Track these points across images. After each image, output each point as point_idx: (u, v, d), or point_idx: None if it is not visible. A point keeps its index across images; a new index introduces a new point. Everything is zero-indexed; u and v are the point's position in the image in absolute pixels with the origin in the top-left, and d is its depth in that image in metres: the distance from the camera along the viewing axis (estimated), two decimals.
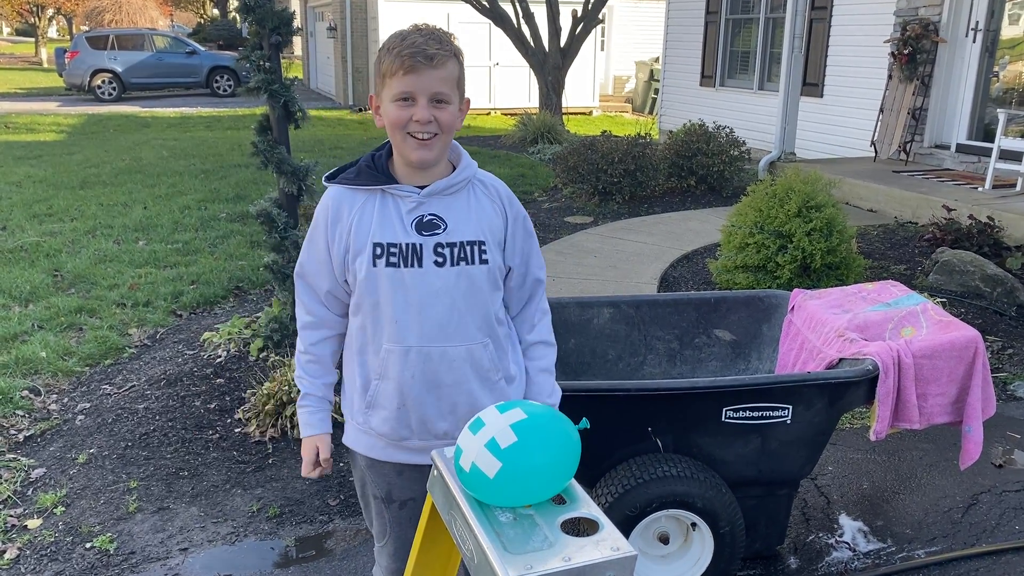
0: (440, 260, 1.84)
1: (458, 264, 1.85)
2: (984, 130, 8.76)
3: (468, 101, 1.92)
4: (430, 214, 1.85)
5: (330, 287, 1.94)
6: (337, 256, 1.89)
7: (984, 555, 3.00)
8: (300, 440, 2.05)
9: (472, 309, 1.88)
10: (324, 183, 1.95)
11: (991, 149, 7.55)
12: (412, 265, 1.83)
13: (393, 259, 1.83)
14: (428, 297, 1.84)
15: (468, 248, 1.86)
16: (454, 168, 1.92)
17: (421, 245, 1.83)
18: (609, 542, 1.34)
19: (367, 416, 1.96)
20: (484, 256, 1.87)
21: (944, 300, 5.22)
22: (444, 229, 1.85)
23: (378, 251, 1.84)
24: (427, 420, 1.92)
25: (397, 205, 1.86)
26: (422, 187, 1.86)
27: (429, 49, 1.77)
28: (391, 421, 1.93)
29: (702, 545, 2.68)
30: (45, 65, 33.38)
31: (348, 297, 1.94)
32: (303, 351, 2.01)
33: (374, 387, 1.92)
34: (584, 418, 1.55)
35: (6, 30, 60.37)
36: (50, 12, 36.95)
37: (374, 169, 1.89)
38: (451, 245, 1.85)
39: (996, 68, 8.79)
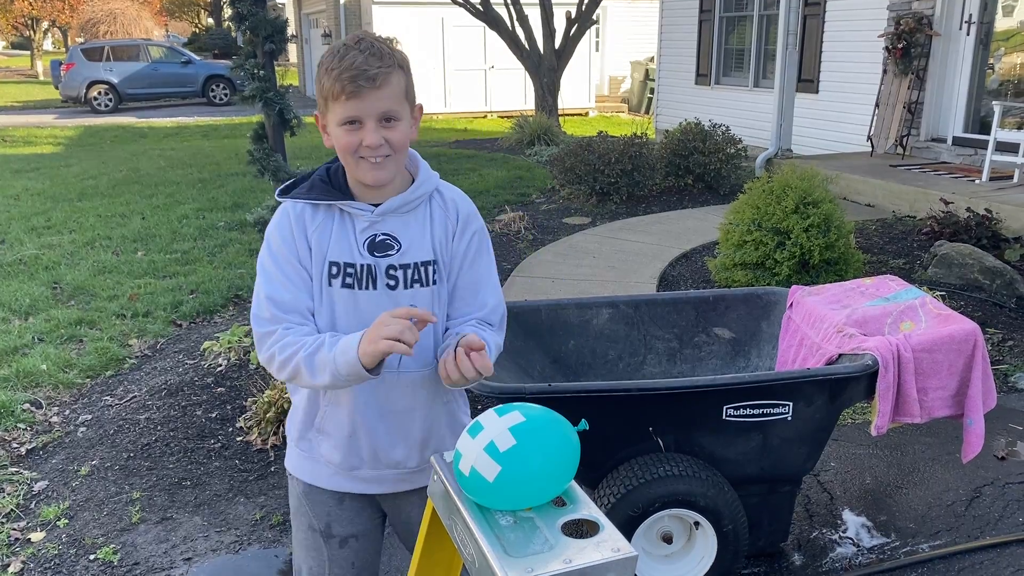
0: (392, 283, 1.75)
1: (411, 287, 1.76)
2: (980, 123, 8.77)
3: (420, 108, 1.79)
4: (383, 234, 1.75)
5: (311, 304, 1.76)
6: (309, 269, 1.76)
7: (988, 548, 2.99)
8: None
9: (426, 331, 1.76)
10: (277, 198, 1.83)
11: (987, 141, 7.56)
12: (367, 287, 1.74)
13: (348, 280, 1.74)
14: None
15: (421, 269, 1.77)
16: (413, 180, 1.81)
17: (374, 267, 1.74)
18: (610, 543, 1.34)
19: (315, 443, 1.86)
20: (435, 276, 1.79)
21: (943, 293, 5.21)
22: (397, 250, 1.76)
23: (334, 270, 1.74)
24: (379, 448, 1.82)
25: (353, 223, 1.76)
26: (378, 204, 1.76)
27: (371, 69, 1.63)
28: (342, 449, 1.83)
29: (705, 544, 2.68)
30: (41, 78, 33.42)
31: None
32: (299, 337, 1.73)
33: (323, 413, 1.82)
34: (583, 419, 1.55)
35: (1, 44, 60.41)
36: (45, 25, 36.99)
37: (329, 184, 1.78)
38: (404, 267, 1.76)
39: (991, 60, 8.80)
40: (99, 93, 21.50)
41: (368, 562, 1.98)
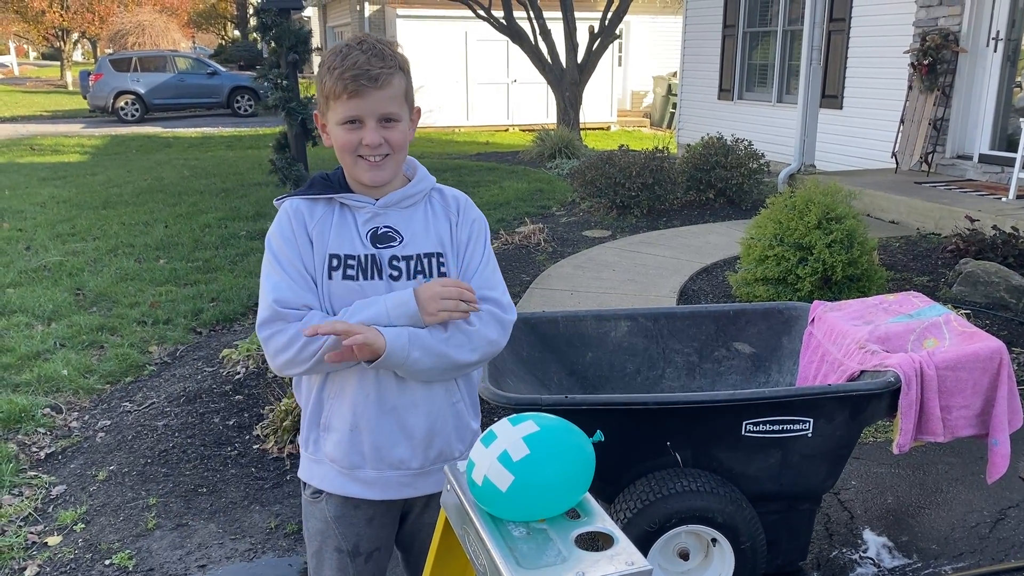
0: (395, 274, 1.77)
1: (415, 278, 1.78)
2: (1007, 140, 8.67)
3: (418, 111, 1.85)
4: (385, 226, 1.79)
5: (315, 303, 1.77)
6: (311, 266, 1.77)
7: (1013, 571, 2.93)
8: None
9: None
10: (276, 203, 1.87)
11: (1014, 159, 7.47)
12: (371, 278, 1.76)
13: (351, 271, 1.76)
14: None
15: (425, 261, 1.79)
16: (410, 182, 1.86)
17: (378, 257, 1.77)
18: (624, 556, 1.32)
19: (321, 442, 1.86)
20: (443, 269, 1.81)
21: (968, 312, 5.14)
22: (400, 242, 1.79)
23: (335, 263, 1.76)
24: (381, 446, 1.82)
25: (353, 216, 1.80)
26: (378, 199, 1.81)
27: (373, 69, 1.68)
28: (343, 445, 1.82)
29: (722, 561, 2.64)
30: (70, 88, 33.93)
31: None
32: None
33: (328, 407, 1.83)
34: (598, 431, 1.53)
35: (32, 54, 61.43)
36: (75, 36, 37.58)
37: (328, 180, 1.84)
38: (407, 258, 1.78)
39: (1018, 77, 8.71)
40: (126, 103, 21.77)
41: (384, 567, 2.02)
